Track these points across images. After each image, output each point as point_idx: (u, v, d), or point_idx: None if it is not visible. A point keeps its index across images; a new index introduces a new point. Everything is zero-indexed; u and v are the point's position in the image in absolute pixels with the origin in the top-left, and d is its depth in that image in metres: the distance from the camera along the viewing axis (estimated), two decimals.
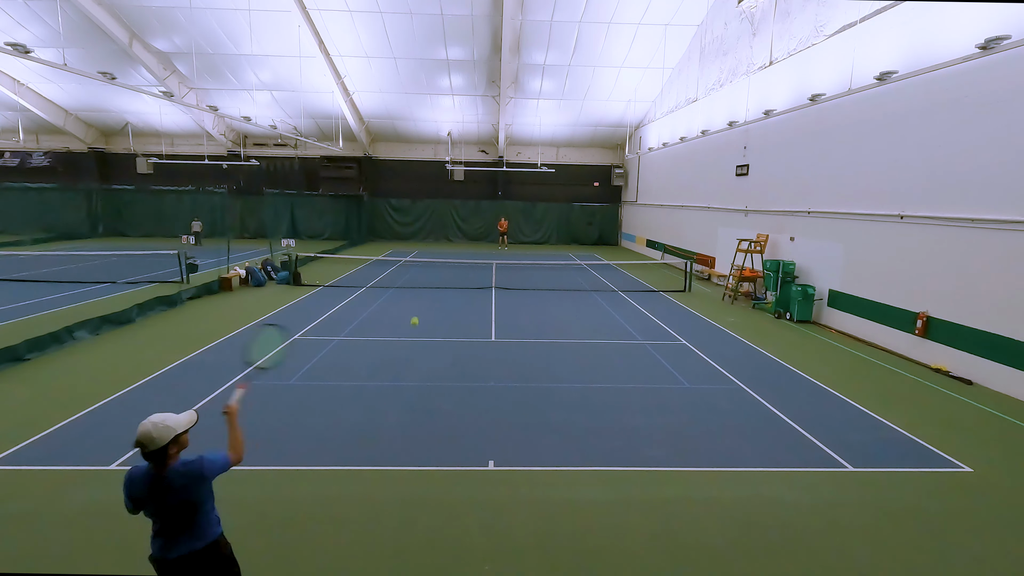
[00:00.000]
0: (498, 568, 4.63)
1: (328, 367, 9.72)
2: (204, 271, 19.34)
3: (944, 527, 5.34)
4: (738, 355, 11.01)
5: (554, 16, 21.63)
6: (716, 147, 20.41)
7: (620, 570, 4.64)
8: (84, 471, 6.01)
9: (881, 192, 11.93)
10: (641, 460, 6.55)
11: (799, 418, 7.89)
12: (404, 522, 5.21)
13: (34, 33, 22.79)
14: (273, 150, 33.87)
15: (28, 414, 7.43)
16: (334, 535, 5.01)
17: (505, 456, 6.59)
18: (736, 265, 17.12)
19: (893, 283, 11.56)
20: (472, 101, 28.64)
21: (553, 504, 5.60)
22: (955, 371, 9.92)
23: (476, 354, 10.70)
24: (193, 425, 3.17)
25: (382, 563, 4.66)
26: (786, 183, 15.76)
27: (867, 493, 5.92)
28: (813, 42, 14.37)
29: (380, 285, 18.21)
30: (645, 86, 26.67)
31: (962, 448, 7.03)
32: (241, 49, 24.14)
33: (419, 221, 34.65)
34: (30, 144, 33.16)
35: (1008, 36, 8.98)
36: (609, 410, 8.04)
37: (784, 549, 4.95)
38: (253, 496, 5.60)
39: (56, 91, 28.74)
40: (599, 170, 34.80)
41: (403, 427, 7.31)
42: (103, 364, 9.61)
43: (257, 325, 3.33)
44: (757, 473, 6.31)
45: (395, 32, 22.80)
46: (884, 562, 4.79)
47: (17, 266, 20.00)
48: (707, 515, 5.44)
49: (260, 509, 5.38)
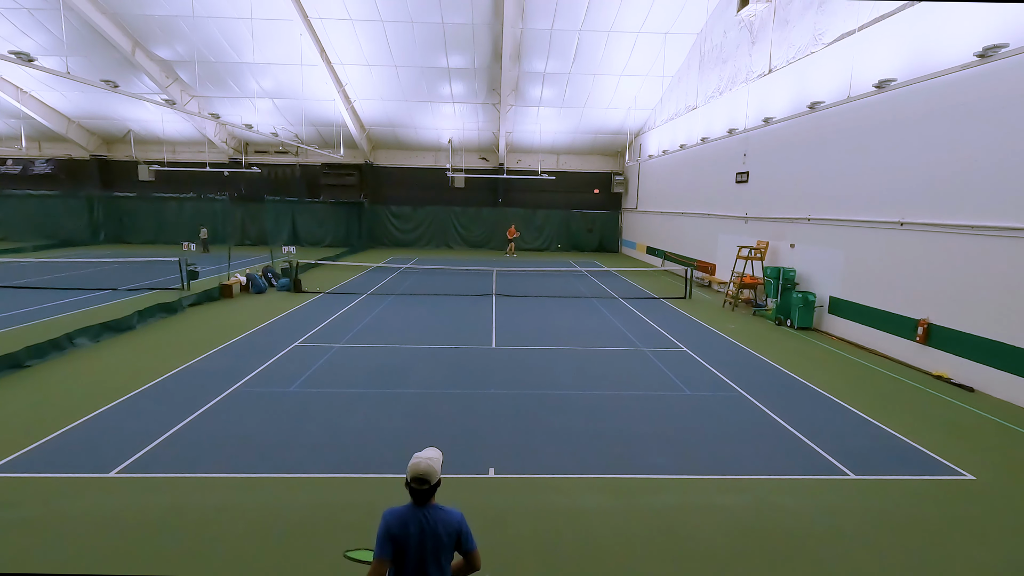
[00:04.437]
0: (498, 575, 4.60)
1: (328, 374, 9.71)
2: (205, 278, 19.36)
3: (946, 534, 5.31)
4: (739, 362, 10.98)
5: (554, 24, 21.76)
6: (716, 154, 20.47)
7: None
8: (84, 478, 6.00)
9: (881, 199, 11.95)
10: (642, 467, 6.53)
11: (800, 425, 7.87)
12: None
13: (37, 41, 22.95)
14: (274, 157, 33.99)
15: (28, 421, 7.42)
16: (335, 542, 4.98)
17: (505, 463, 6.56)
18: (736, 272, 17.12)
19: (894, 290, 11.56)
20: (473, 109, 28.76)
21: (554, 511, 5.58)
22: (957, 378, 9.90)
23: (476, 361, 10.68)
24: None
25: None
26: (786, 190, 15.79)
27: (869, 500, 5.89)
28: (812, 50, 14.44)
29: (380, 292, 18.21)
30: (645, 94, 26.79)
31: (964, 455, 7.00)
32: (243, 57, 24.28)
33: (420, 228, 34.70)
34: (32, 151, 33.32)
35: (1006, 44, 9.02)
36: (610, 417, 8.02)
37: (786, 556, 4.92)
38: (253, 503, 5.58)
39: (59, 99, 28.90)
40: (599, 177, 34.89)
41: (403, 434, 7.29)
42: (103, 371, 9.60)
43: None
44: (758, 480, 6.28)
45: (396, 40, 22.94)
46: (886, 570, 4.76)
47: (18, 273, 20.04)
48: (708, 522, 5.41)
49: (260, 516, 5.35)
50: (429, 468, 2.96)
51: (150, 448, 6.73)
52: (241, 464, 6.39)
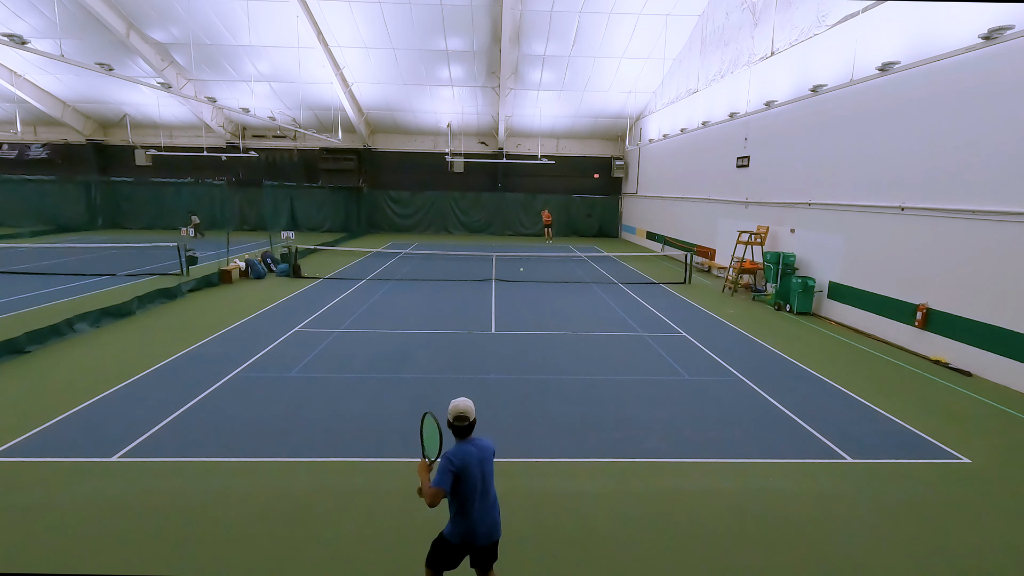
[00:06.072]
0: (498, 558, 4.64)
1: (328, 359, 9.73)
2: (204, 263, 19.33)
3: (943, 518, 5.36)
4: (738, 347, 11.01)
5: (554, 6, 21.45)
6: (717, 138, 20.32)
7: (619, 560, 4.67)
8: (86, 463, 6.04)
9: (882, 184, 11.89)
10: (640, 451, 6.57)
11: (798, 410, 7.91)
12: (405, 513, 5.23)
13: (31, 24, 22.62)
14: (272, 142, 33.73)
15: (29, 406, 7.45)
16: (335, 526, 5.03)
17: (505, 447, 6.59)
18: (736, 257, 17.10)
19: (893, 275, 11.55)
20: (472, 92, 28.47)
21: (552, 495, 5.63)
22: (954, 363, 9.94)
23: (476, 346, 10.70)
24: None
25: (383, 553, 4.69)
26: (787, 175, 15.71)
27: (866, 484, 5.94)
28: (815, 32, 14.27)
29: (380, 277, 18.19)
30: (646, 77, 26.51)
31: (961, 439, 7.05)
32: (239, 40, 23.96)
33: (419, 213, 34.57)
34: (28, 136, 33.02)
35: (1012, 26, 8.91)
36: (609, 402, 8.06)
37: (783, 540, 4.97)
38: (255, 487, 5.62)
39: (53, 82, 28.57)
40: (599, 162, 34.68)
41: (403, 419, 7.32)
42: (104, 356, 9.62)
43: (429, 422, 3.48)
44: (756, 464, 6.33)
45: (394, 22, 22.63)
46: (882, 553, 4.82)
47: (16, 258, 19.99)
48: (706, 506, 5.46)
49: (262, 501, 5.40)
50: (467, 406, 3.61)
51: (152, 433, 6.76)
52: (242, 449, 6.43)
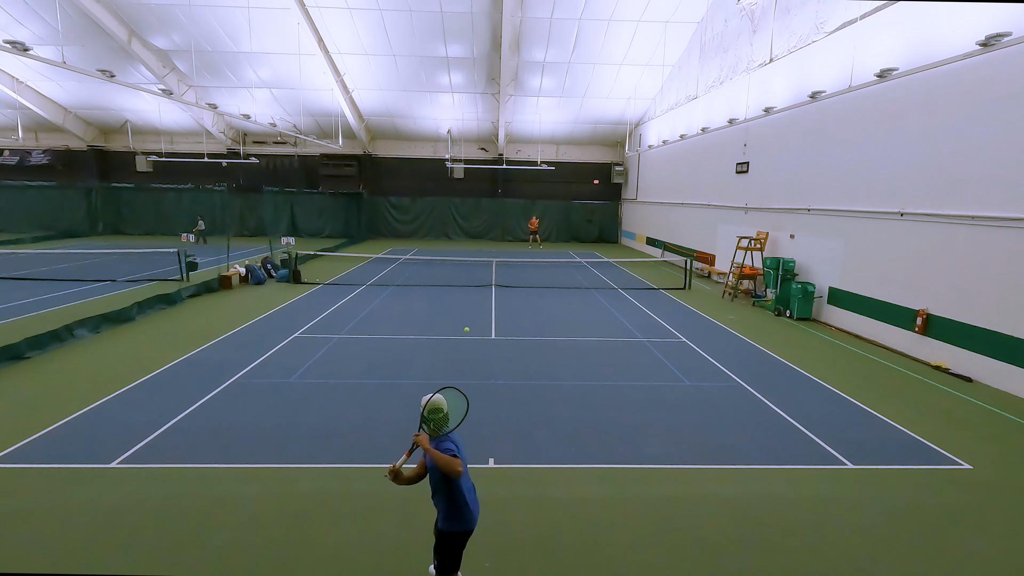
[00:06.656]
0: (498, 565, 4.64)
1: (328, 365, 9.72)
2: (204, 269, 19.34)
3: (943, 524, 5.35)
4: (738, 352, 11.01)
5: (554, 13, 21.58)
6: (716, 145, 20.38)
7: (619, 566, 4.65)
8: (85, 469, 6.02)
9: (881, 189, 11.92)
10: (641, 457, 6.56)
11: (798, 415, 7.90)
12: (404, 519, 5.22)
13: (33, 31, 22.75)
14: (273, 148, 33.83)
15: (28, 412, 7.44)
16: (335, 532, 5.02)
17: (505, 454, 6.60)
18: (736, 263, 17.11)
19: (893, 280, 11.56)
20: (472, 99, 28.59)
21: (553, 501, 5.61)
22: (955, 368, 9.93)
23: (476, 352, 10.70)
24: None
25: (383, 559, 4.67)
26: (786, 180, 15.75)
27: (866, 490, 5.93)
28: (813, 39, 14.34)
29: (380, 283, 18.20)
30: (645, 83, 26.62)
31: (961, 445, 7.04)
32: (240, 47, 24.09)
33: (419, 219, 34.61)
34: (29, 142, 33.12)
35: (1009, 33, 8.96)
36: (609, 407, 8.05)
37: (783, 546, 4.95)
38: (254, 493, 5.61)
39: (55, 89, 28.69)
40: (599, 168, 34.76)
41: (403, 425, 7.31)
42: (103, 362, 9.61)
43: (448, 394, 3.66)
44: (757, 470, 6.31)
45: (394, 29, 22.75)
46: (883, 559, 4.80)
47: (17, 264, 20.01)
48: (706, 512, 5.45)
49: (261, 507, 5.38)
50: (437, 399, 3.78)
51: (151, 439, 6.75)
52: (242, 454, 6.42)
